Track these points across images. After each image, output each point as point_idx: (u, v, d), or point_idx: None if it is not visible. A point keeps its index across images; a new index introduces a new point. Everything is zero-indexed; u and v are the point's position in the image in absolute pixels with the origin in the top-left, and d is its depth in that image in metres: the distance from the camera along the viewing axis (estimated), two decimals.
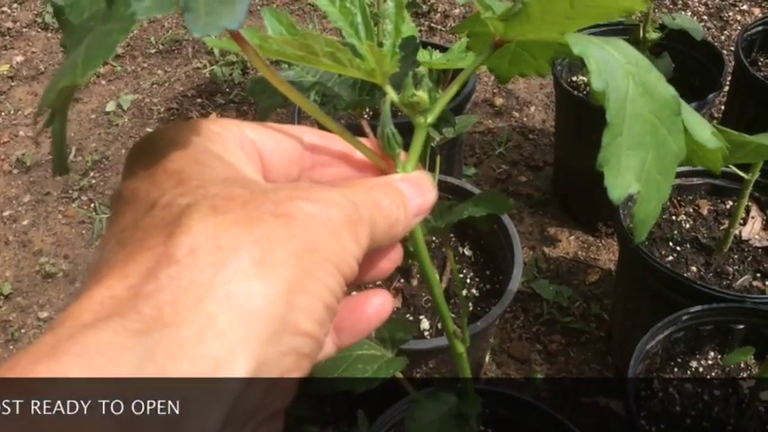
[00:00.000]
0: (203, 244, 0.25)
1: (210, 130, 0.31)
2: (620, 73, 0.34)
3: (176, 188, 0.27)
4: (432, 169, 1.04)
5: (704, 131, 0.43)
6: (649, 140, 0.34)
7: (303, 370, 0.26)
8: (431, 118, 0.41)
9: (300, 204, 0.27)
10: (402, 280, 1.12)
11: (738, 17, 1.96)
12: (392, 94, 0.41)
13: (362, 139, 0.40)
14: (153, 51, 1.94)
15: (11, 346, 1.33)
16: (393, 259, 0.36)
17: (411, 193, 0.33)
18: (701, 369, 0.97)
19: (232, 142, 0.32)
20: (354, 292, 0.35)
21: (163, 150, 0.29)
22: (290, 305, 0.25)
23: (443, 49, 1.13)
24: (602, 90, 0.33)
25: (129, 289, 0.24)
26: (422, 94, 0.39)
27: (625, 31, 1.34)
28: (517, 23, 0.38)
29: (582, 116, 1.35)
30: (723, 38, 1.89)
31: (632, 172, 0.34)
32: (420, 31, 1.95)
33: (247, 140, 0.33)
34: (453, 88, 0.41)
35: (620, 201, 0.33)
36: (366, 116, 1.35)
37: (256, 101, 0.55)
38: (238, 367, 0.23)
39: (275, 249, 0.26)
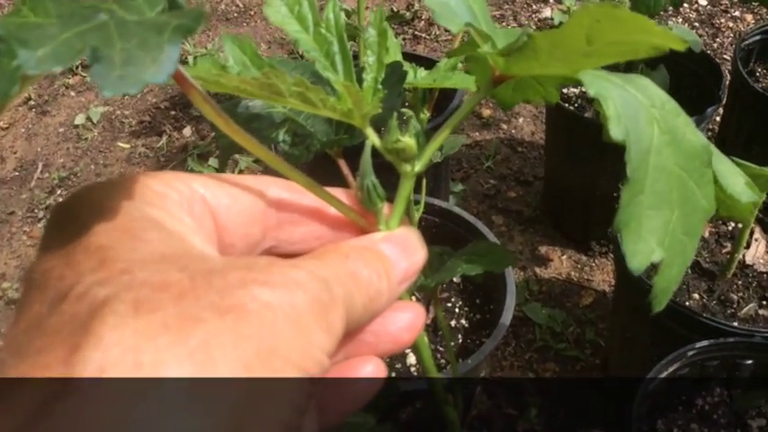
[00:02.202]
0: (117, 361, 0.19)
1: (149, 189, 0.25)
2: (644, 119, 0.28)
3: (96, 272, 0.21)
4: (418, 191, 0.97)
5: (737, 183, 0.36)
6: (675, 197, 0.29)
7: None
8: (419, 166, 0.34)
9: (255, 291, 0.21)
10: None
11: (731, 24, 1.91)
12: (373, 138, 0.34)
13: (338, 191, 0.33)
14: None
15: None
16: (411, 324, 0.29)
17: (396, 255, 0.28)
18: (706, 407, 0.91)
19: (177, 204, 0.25)
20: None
21: (86, 218, 0.23)
22: None
23: (429, 63, 1.07)
24: (622, 139, 0.27)
25: None
26: (408, 140, 0.32)
27: None
28: (522, 59, 0.31)
29: (573, 129, 1.29)
30: (716, 45, 1.84)
31: (655, 235, 0.28)
32: (404, 39, 1.88)
33: (197, 199, 0.26)
34: (444, 133, 0.35)
35: (640, 271, 0.27)
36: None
37: (216, 138, 0.48)
38: None
39: (217, 363, 0.19)
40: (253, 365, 0.20)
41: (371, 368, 0.28)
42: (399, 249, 0.28)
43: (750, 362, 0.90)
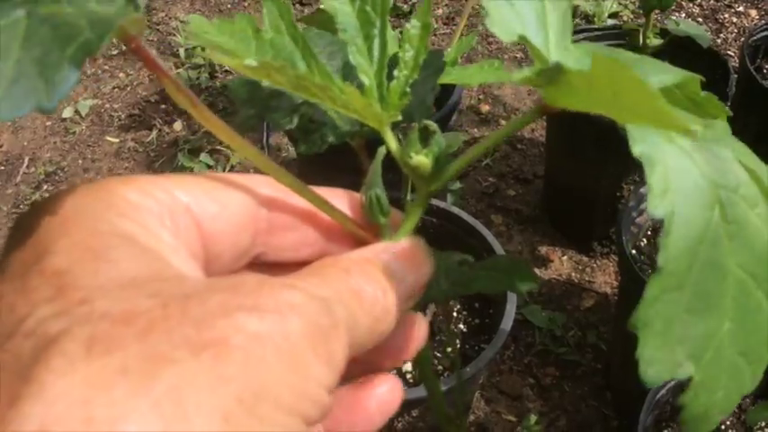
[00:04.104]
0: (62, 418, 0.15)
1: (122, 198, 0.21)
2: (702, 199, 0.22)
3: (51, 302, 0.18)
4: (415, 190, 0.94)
5: None
6: (730, 306, 0.23)
7: None
8: (434, 186, 0.30)
9: (240, 320, 0.17)
10: None
11: (734, 19, 1.87)
12: (391, 143, 0.30)
13: (341, 193, 0.29)
14: (115, 53, 1.81)
15: None
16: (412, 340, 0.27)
17: (401, 269, 0.24)
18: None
19: (154, 215, 0.22)
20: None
21: (46, 234, 0.20)
22: None
23: None
24: (662, 218, 0.22)
25: None
26: (422, 159, 0.29)
27: (623, 35, 1.24)
28: (562, 94, 0.26)
29: (576, 127, 1.25)
30: (719, 41, 1.80)
31: (687, 346, 0.22)
32: (400, 33, 1.84)
33: (179, 209, 0.23)
34: (471, 154, 0.30)
35: (654, 385, 0.23)
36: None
37: (238, 107, 0.44)
38: None
39: (189, 415, 0.15)
40: (234, 415, 0.16)
41: (387, 386, 0.25)
42: (405, 262, 0.25)
43: None
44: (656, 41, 1.16)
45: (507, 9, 0.27)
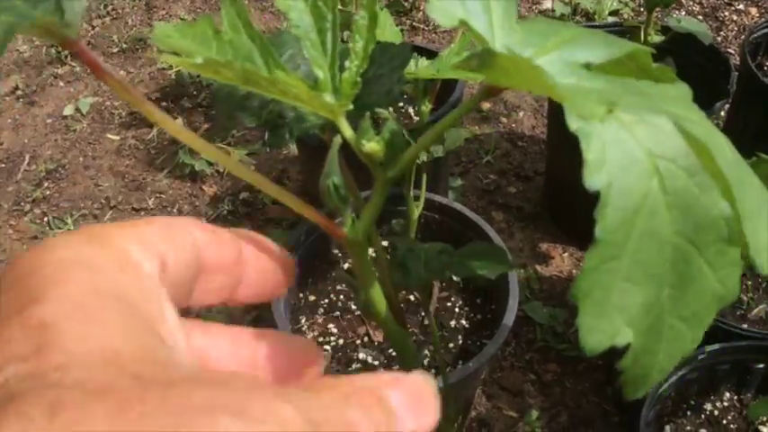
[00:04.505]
0: None
1: (124, 252, 0.20)
2: (638, 170, 0.22)
3: (26, 361, 0.16)
4: (418, 187, 0.94)
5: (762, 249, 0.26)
6: (669, 273, 0.23)
7: None
8: (392, 172, 0.30)
9: (222, 422, 0.16)
10: None
11: (734, 17, 1.87)
12: (346, 132, 0.31)
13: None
14: (115, 50, 1.81)
15: None
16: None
17: (403, 409, 0.22)
18: (716, 412, 0.88)
19: (152, 275, 0.20)
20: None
21: (39, 282, 0.18)
22: None
23: (429, 54, 1.03)
24: (598, 190, 0.22)
25: None
26: (373, 145, 0.29)
27: (624, 32, 1.24)
28: (499, 75, 0.26)
29: None
30: (720, 39, 1.80)
31: (625, 314, 0.22)
32: (402, 30, 1.84)
33: (169, 259, 0.22)
34: (428, 138, 0.31)
35: (594, 353, 0.22)
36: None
37: (217, 107, 0.44)
38: None
39: None
40: None
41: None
42: (409, 402, 0.22)
43: (761, 366, 0.86)
44: (657, 38, 1.17)
45: None
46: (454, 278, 1.05)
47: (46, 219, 1.45)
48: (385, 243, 1.05)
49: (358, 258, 0.29)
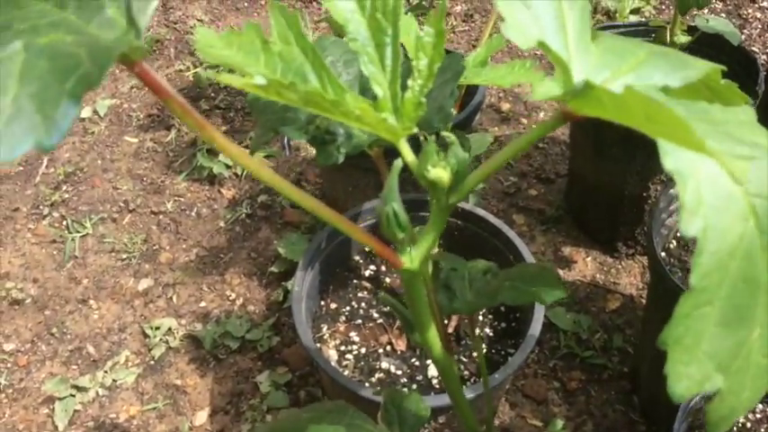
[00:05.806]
0: None
1: None
2: (736, 211, 0.21)
3: None
4: None
5: None
6: (762, 314, 0.22)
7: None
8: (454, 198, 0.29)
9: None
10: None
11: (758, 15, 1.84)
12: (408, 156, 0.29)
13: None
14: None
15: None
16: None
17: None
18: (748, 425, 0.85)
19: None
20: None
21: None
22: None
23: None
24: (694, 236, 0.21)
25: None
26: (439, 172, 0.27)
27: (649, 32, 1.21)
28: (589, 105, 0.25)
29: (601, 125, 1.23)
30: (743, 37, 1.77)
31: (716, 360, 0.22)
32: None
33: None
34: (493, 163, 0.29)
35: (682, 400, 0.22)
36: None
37: (256, 118, 0.43)
38: None
39: None
40: None
41: None
42: None
43: None
44: (683, 38, 1.14)
45: (523, 12, 0.26)
46: None
47: (65, 222, 1.45)
48: None
49: (414, 291, 0.27)
